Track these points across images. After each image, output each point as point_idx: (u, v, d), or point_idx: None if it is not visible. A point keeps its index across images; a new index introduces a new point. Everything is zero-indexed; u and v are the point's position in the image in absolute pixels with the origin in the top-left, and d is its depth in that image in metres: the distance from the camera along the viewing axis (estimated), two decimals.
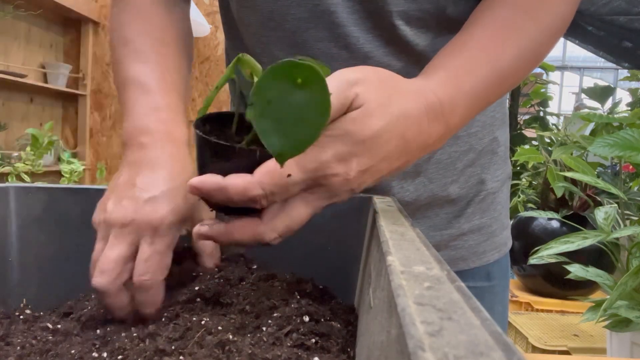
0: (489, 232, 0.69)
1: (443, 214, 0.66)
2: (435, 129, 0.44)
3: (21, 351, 0.38)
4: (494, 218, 0.69)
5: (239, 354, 0.33)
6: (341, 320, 0.40)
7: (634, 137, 0.99)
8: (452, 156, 0.64)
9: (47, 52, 3.26)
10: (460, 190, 0.66)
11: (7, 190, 0.51)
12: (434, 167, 0.64)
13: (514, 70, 0.50)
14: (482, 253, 0.68)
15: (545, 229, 1.76)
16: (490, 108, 0.67)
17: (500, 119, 0.69)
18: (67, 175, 1.88)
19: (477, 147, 0.66)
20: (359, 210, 0.51)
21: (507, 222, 0.73)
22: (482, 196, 0.67)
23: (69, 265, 0.51)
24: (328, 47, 0.58)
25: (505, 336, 0.17)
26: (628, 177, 2.08)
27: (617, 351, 1.10)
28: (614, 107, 3.05)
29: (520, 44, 0.50)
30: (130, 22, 0.58)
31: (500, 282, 0.72)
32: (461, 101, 0.46)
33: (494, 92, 0.50)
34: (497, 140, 0.68)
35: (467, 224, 0.67)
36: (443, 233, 0.66)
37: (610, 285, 1.07)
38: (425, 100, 0.44)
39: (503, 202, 0.71)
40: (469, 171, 0.66)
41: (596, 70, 7.21)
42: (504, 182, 0.71)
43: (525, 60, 0.51)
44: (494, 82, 0.49)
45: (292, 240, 0.51)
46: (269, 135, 0.34)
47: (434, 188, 0.64)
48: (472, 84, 0.47)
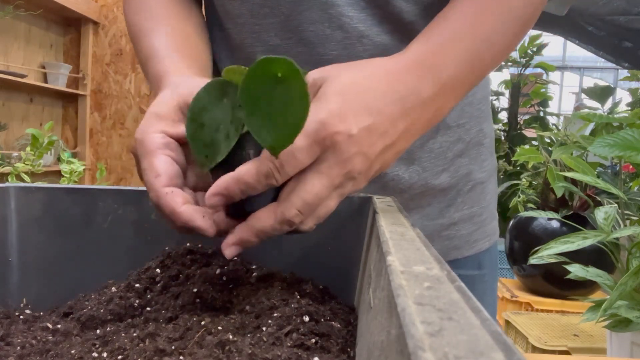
0: (480, 221, 0.71)
1: (435, 203, 0.67)
2: (423, 84, 0.44)
3: (21, 351, 0.38)
4: (484, 207, 0.72)
5: (239, 354, 0.33)
6: (341, 320, 0.40)
7: (634, 137, 0.99)
8: (443, 145, 0.66)
9: (47, 52, 3.27)
10: (451, 179, 0.68)
11: (7, 190, 0.51)
12: (427, 156, 0.66)
13: (501, 33, 0.50)
14: (474, 242, 0.70)
15: (545, 229, 1.75)
16: (476, 102, 0.69)
17: (486, 112, 0.72)
18: (67, 175, 1.88)
19: (466, 138, 0.68)
20: (359, 210, 0.51)
21: (496, 213, 0.75)
22: (471, 186, 0.70)
23: (69, 265, 0.51)
24: (322, 28, 0.58)
25: (505, 336, 0.17)
26: (628, 177, 2.08)
27: (617, 351, 1.10)
28: (614, 107, 3.05)
29: (500, 8, 0.50)
30: (147, 16, 0.59)
31: (490, 272, 0.74)
32: (448, 54, 0.46)
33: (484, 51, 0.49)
34: (483, 132, 0.71)
35: (458, 213, 0.69)
36: (435, 223, 0.68)
37: (610, 285, 1.07)
38: (402, 59, 0.45)
39: (492, 192, 0.74)
40: (458, 161, 0.68)
41: (596, 70, 7.21)
42: (491, 173, 0.73)
43: (509, 22, 0.51)
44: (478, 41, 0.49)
45: (292, 240, 0.51)
46: (260, 131, 0.35)
47: (427, 176, 0.66)
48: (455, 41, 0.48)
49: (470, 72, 0.49)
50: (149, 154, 0.42)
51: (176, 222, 0.41)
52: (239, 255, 0.50)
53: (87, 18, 3.30)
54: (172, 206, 0.40)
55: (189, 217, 0.40)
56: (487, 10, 0.50)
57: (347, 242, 0.51)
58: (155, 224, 0.52)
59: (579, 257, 1.28)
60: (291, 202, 0.39)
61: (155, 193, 0.41)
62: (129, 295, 0.46)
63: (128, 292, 0.47)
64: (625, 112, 2.81)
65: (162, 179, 0.41)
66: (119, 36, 3.44)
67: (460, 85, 0.48)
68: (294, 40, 0.60)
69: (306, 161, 0.39)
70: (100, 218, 0.52)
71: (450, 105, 0.48)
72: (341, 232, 0.51)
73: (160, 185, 0.41)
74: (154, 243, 0.52)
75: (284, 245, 0.52)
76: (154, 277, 0.48)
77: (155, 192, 0.41)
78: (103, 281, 0.49)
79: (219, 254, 0.50)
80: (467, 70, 0.48)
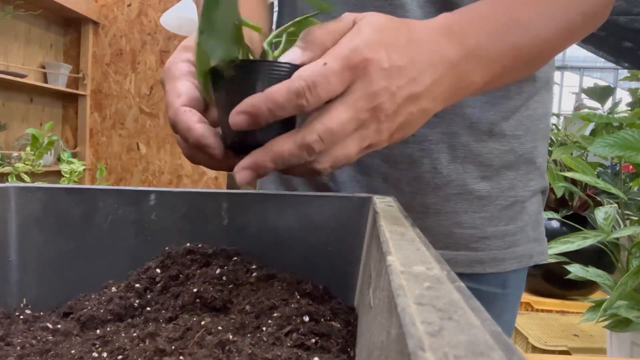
0: (512, 241, 0.68)
1: (471, 211, 0.65)
2: (449, 45, 0.44)
3: (21, 351, 0.38)
4: (520, 228, 0.69)
5: (239, 354, 0.33)
6: (341, 320, 0.40)
7: (634, 137, 0.99)
8: (493, 152, 0.64)
9: (47, 52, 3.27)
10: (491, 189, 0.65)
11: (7, 190, 0.51)
12: (473, 158, 0.64)
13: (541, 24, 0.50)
14: (501, 260, 0.68)
15: (545, 229, 1.76)
16: (536, 117, 0.67)
17: (544, 131, 0.70)
18: (67, 175, 1.88)
19: (518, 151, 0.66)
20: (359, 210, 0.51)
21: (535, 236, 0.72)
22: (511, 202, 0.67)
23: (69, 265, 0.51)
24: (383, 5, 0.59)
25: (505, 336, 0.17)
26: (628, 177, 2.08)
27: (617, 351, 1.10)
28: (614, 107, 3.05)
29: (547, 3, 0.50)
30: None
31: (515, 291, 0.71)
32: (474, 26, 0.46)
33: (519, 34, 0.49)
34: (537, 150, 0.68)
35: (492, 228, 0.66)
36: (466, 232, 0.65)
37: (610, 285, 1.07)
38: (432, 22, 0.45)
39: (532, 214, 0.71)
40: (504, 173, 0.66)
41: (596, 70, 7.21)
42: (535, 194, 0.71)
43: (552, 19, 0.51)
44: (511, 24, 0.49)
45: (292, 240, 0.51)
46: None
47: (466, 178, 0.64)
48: (484, 19, 0.48)
49: (499, 47, 0.48)
50: (174, 79, 0.45)
51: (190, 138, 0.42)
52: (239, 255, 0.50)
53: (87, 18, 3.30)
54: (188, 122, 0.42)
55: (202, 132, 0.41)
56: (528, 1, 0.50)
57: (347, 242, 0.51)
58: (155, 224, 0.52)
59: (579, 257, 1.28)
60: (314, 127, 0.39)
61: (174, 110, 0.43)
62: (129, 295, 0.46)
63: (128, 292, 0.47)
64: (625, 112, 2.81)
65: (182, 99, 0.43)
66: (119, 36, 3.44)
67: (490, 58, 0.47)
68: None
69: (338, 87, 0.38)
70: (100, 218, 0.52)
71: (479, 76, 0.47)
72: (341, 232, 0.51)
73: (179, 104, 0.43)
74: (154, 243, 0.52)
75: (284, 245, 0.52)
76: (154, 277, 0.48)
77: (174, 109, 0.43)
78: (103, 281, 0.49)
79: (218, 254, 0.50)
80: (495, 44, 0.48)
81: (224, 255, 0.50)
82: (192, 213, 0.52)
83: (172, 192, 0.52)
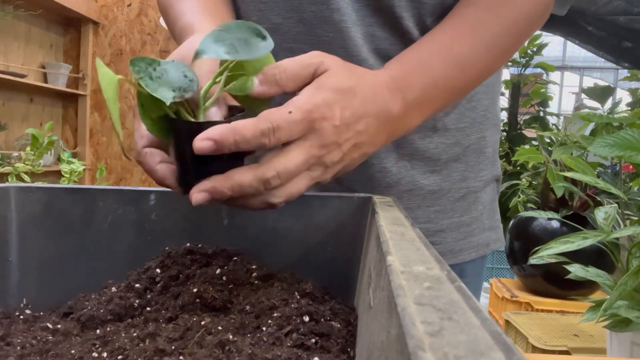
0: (467, 232, 0.70)
1: (424, 206, 0.67)
2: (394, 101, 0.50)
3: (21, 351, 0.38)
4: (474, 218, 0.70)
5: (239, 354, 0.33)
6: (341, 320, 0.40)
7: (634, 137, 0.99)
8: (439, 147, 0.66)
9: (47, 52, 3.27)
10: (442, 182, 0.67)
11: (7, 190, 0.51)
12: (419, 154, 0.66)
13: (474, 59, 0.56)
14: (458, 251, 0.70)
15: (545, 229, 1.75)
16: (481, 107, 0.69)
17: (492, 120, 0.71)
18: (67, 175, 1.88)
19: (464, 143, 0.68)
20: (359, 210, 0.51)
21: (490, 224, 0.74)
22: (463, 193, 0.69)
23: (69, 265, 0.51)
24: (321, 9, 0.61)
25: (505, 336, 0.17)
26: (628, 177, 2.08)
27: (617, 351, 1.10)
28: (614, 107, 3.05)
29: (478, 36, 0.57)
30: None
31: (473, 280, 0.73)
32: (415, 78, 0.53)
33: (454, 77, 0.56)
34: (485, 140, 0.70)
35: (446, 221, 0.68)
36: (421, 227, 0.67)
37: (610, 285, 1.07)
38: (382, 76, 0.51)
39: (486, 204, 0.72)
40: (452, 165, 0.68)
41: (596, 70, 7.20)
42: (488, 183, 0.72)
43: (485, 50, 0.57)
44: (450, 67, 0.55)
45: (292, 240, 0.51)
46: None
47: (415, 174, 0.66)
48: (424, 67, 0.54)
49: (436, 95, 0.55)
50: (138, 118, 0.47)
51: (153, 179, 0.46)
52: (239, 255, 0.50)
53: (87, 18, 3.30)
54: (149, 165, 0.45)
55: (162, 175, 0.45)
56: (465, 36, 0.56)
57: (347, 242, 0.51)
58: (155, 224, 0.52)
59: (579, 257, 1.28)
60: (272, 165, 0.43)
61: (137, 153, 0.46)
62: (129, 295, 0.46)
63: (128, 292, 0.47)
64: (625, 112, 2.81)
65: (144, 140, 0.46)
66: (119, 36, 3.44)
67: (427, 105, 0.54)
68: (294, 19, 0.62)
69: (296, 134, 0.43)
70: (100, 218, 0.52)
71: (416, 121, 0.54)
72: (341, 232, 0.51)
73: (141, 146, 0.46)
74: (154, 243, 0.52)
75: (284, 245, 0.52)
76: (154, 277, 0.48)
77: (137, 152, 0.46)
78: (103, 281, 0.49)
79: (219, 254, 0.50)
80: (432, 93, 0.54)
81: (224, 255, 0.50)
82: (192, 213, 0.52)
83: (172, 192, 0.52)
